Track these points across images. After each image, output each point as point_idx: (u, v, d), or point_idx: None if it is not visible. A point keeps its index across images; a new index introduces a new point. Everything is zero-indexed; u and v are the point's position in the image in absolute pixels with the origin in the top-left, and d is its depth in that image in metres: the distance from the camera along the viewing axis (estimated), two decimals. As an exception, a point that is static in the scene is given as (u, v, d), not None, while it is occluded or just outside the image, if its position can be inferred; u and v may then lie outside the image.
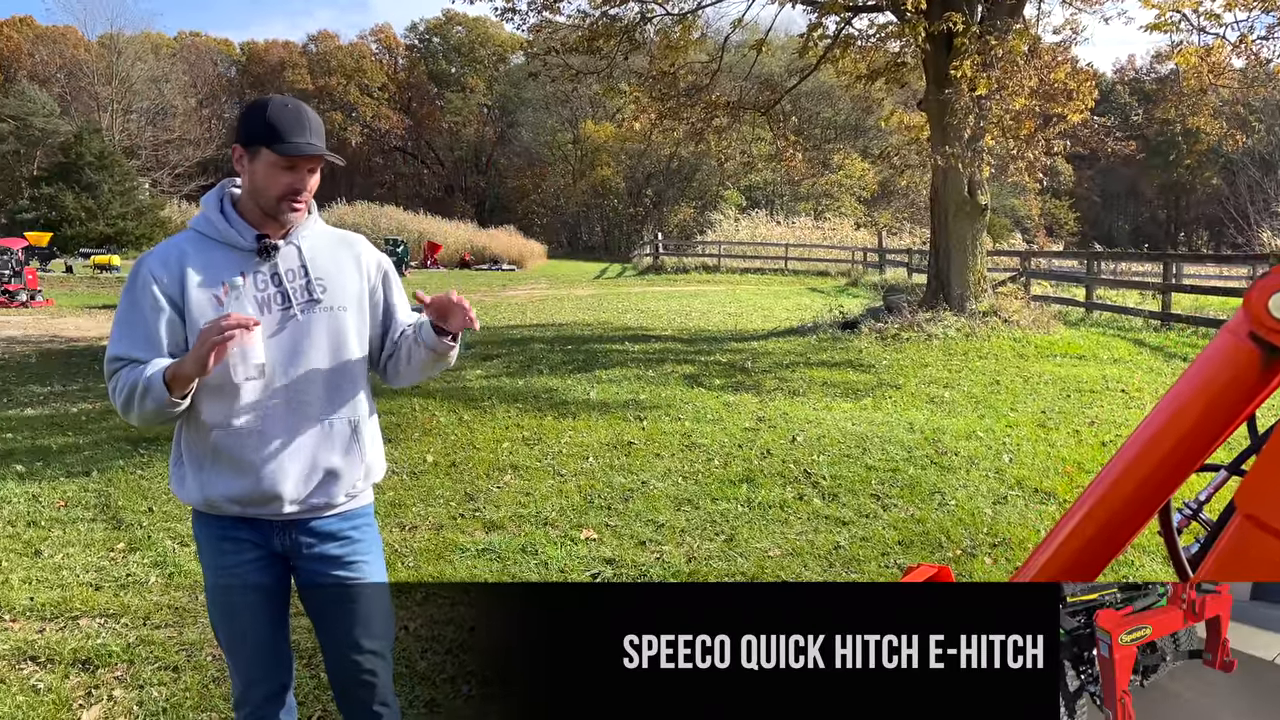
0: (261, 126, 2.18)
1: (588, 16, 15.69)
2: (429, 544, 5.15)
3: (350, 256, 2.37)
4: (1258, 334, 1.20)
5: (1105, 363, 11.54)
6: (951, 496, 5.94)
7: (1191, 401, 1.28)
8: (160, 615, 4.21)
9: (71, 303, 23.83)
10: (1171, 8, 13.46)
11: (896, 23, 14.23)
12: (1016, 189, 48.30)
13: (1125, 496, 1.34)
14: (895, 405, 8.92)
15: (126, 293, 2.23)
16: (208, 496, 2.24)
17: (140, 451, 7.28)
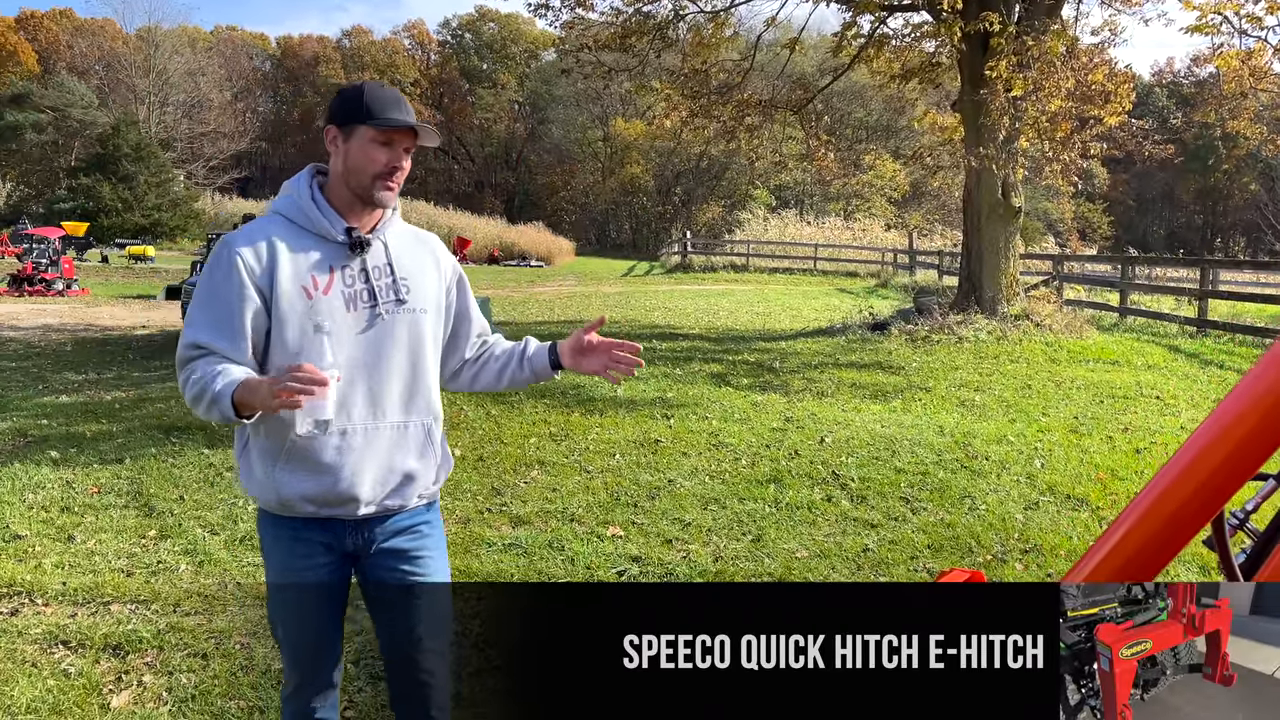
0: (359, 104, 2.14)
1: (620, 13, 15.69)
2: (456, 538, 5.15)
3: (430, 257, 2.33)
4: (1319, 341, 1.16)
5: (1139, 369, 11.39)
6: (982, 501, 5.88)
7: (1248, 410, 1.25)
8: (190, 603, 4.24)
9: (107, 292, 24.15)
10: (1213, 10, 13.25)
11: (932, 22, 14.11)
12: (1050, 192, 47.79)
13: (1180, 502, 1.31)
14: (925, 408, 8.84)
15: (209, 275, 2.13)
16: (282, 496, 2.18)
17: (173, 440, 7.35)
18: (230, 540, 5.09)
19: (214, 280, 2.11)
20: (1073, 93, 13.16)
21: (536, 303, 23.20)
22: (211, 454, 6.93)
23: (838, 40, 15.66)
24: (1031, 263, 24.31)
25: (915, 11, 14.90)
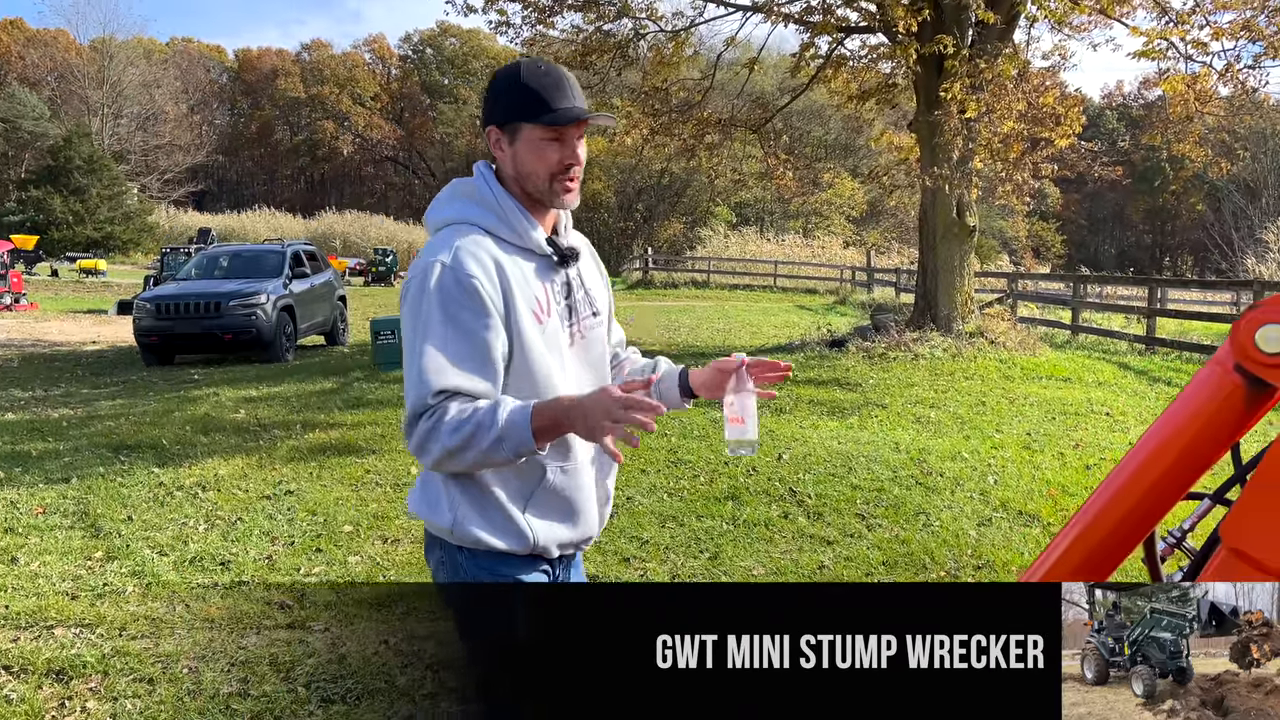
0: (520, 98, 1.85)
1: (581, 31, 15.76)
2: (411, 557, 5.11)
3: (594, 260, 2.12)
4: (1244, 366, 1.20)
5: (1090, 385, 11.59)
6: (936, 517, 5.93)
7: (1178, 431, 1.28)
8: (137, 626, 4.16)
9: (56, 307, 23.67)
10: (1159, 35, 13.58)
11: (888, 44, 14.32)
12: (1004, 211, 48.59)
13: (1113, 523, 1.34)
14: (881, 425, 8.93)
15: (439, 307, 1.77)
16: (538, 543, 1.89)
17: (122, 459, 7.22)
18: (180, 561, 5.00)
19: (449, 310, 1.77)
20: (1024, 115, 13.42)
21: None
22: (161, 473, 6.81)
23: (796, 60, 15.85)
24: (986, 281, 24.69)
25: (872, 33, 15.12)
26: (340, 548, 5.25)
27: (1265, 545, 1.18)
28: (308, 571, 4.87)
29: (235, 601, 4.44)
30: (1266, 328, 1.16)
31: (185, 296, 13.74)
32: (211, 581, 4.72)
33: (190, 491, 6.37)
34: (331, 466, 7.02)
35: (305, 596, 4.50)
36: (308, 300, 15.33)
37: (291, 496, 6.25)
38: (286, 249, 15.62)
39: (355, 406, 9.48)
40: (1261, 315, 1.17)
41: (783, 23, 14.71)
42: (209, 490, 6.40)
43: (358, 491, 6.39)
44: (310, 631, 4.14)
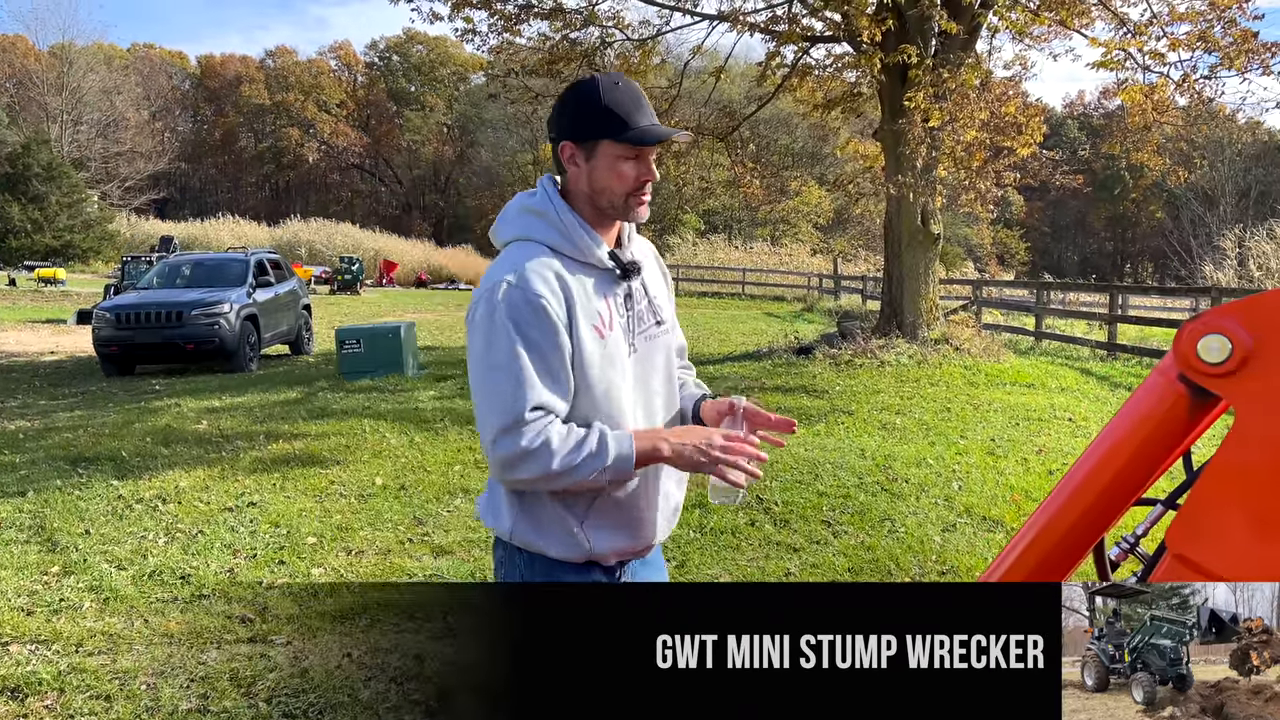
0: (598, 114, 1.87)
1: (548, 39, 15.76)
2: (375, 569, 5.07)
3: (658, 268, 2.13)
4: (1187, 376, 1.22)
5: (1053, 391, 11.74)
6: (901, 524, 5.98)
7: (1125, 440, 1.30)
8: (94, 642, 4.09)
9: (14, 316, 23.27)
10: (1117, 46, 13.82)
11: (853, 54, 14.45)
12: (969, 219, 49.18)
13: (1064, 530, 1.35)
14: (848, 431, 8.98)
15: (515, 324, 1.80)
16: (595, 552, 1.92)
17: (79, 471, 7.10)
18: (138, 576, 4.93)
19: (521, 330, 1.80)
20: (987, 124, 13.60)
21: (464, 327, 22.99)
22: (121, 485, 6.71)
23: (762, 69, 15.95)
24: (952, 288, 24.94)
25: (837, 43, 15.26)
26: (304, 560, 5.20)
27: (1208, 551, 1.19)
28: (270, 584, 4.81)
29: (195, 616, 4.38)
30: (1207, 338, 1.18)
31: (146, 306, 13.56)
32: (171, 596, 4.65)
33: (150, 504, 6.28)
34: (295, 477, 6.95)
35: (267, 610, 4.45)
36: (272, 309, 15.18)
37: (254, 508, 6.18)
38: (250, 257, 15.47)
39: (320, 417, 9.39)
40: (1202, 326, 1.19)
41: (749, 32, 14.81)
42: (169, 502, 6.32)
43: (321, 503, 6.33)
44: (272, 645, 4.09)
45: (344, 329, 12.88)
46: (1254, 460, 1.17)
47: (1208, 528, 1.20)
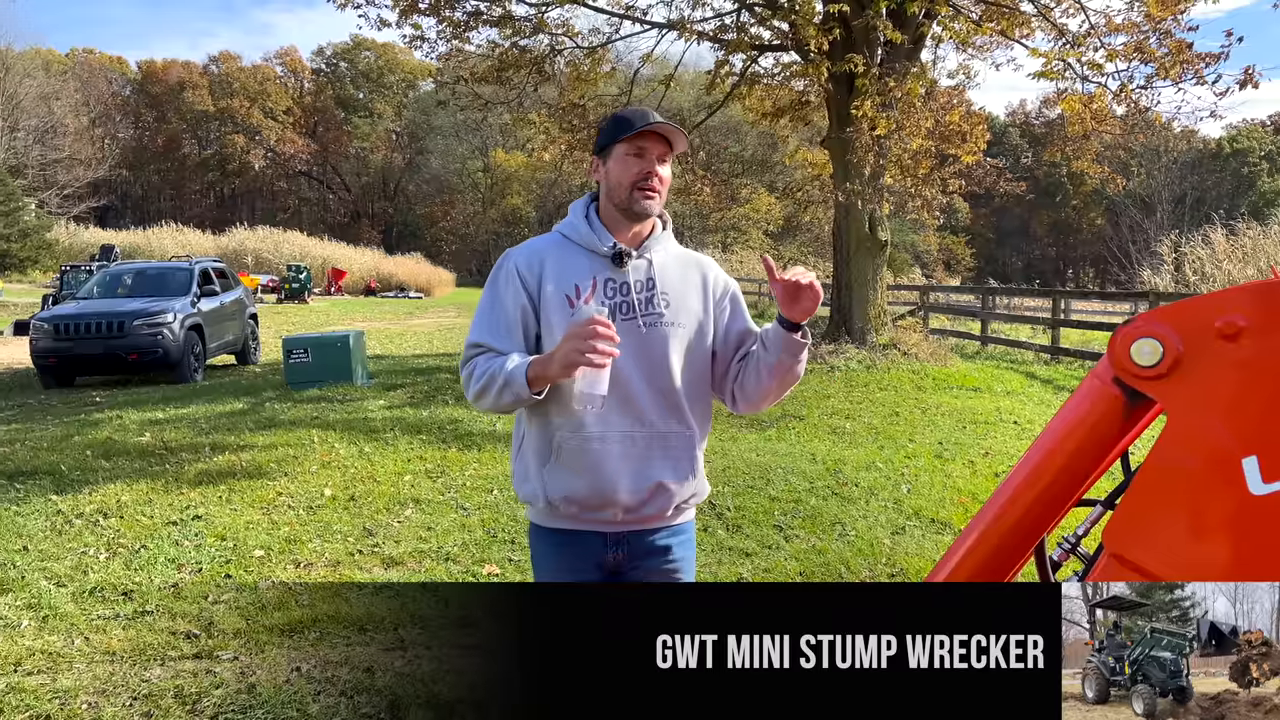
0: (610, 128, 2.27)
1: (497, 46, 15.71)
2: (325, 581, 4.99)
3: (698, 276, 2.38)
4: (1121, 379, 1.25)
5: (999, 395, 11.95)
6: (852, 527, 6.04)
7: (1062, 442, 1.33)
8: (33, 661, 3.97)
9: (-53, 328, 22.58)
10: (1057, 57, 14.13)
11: (800, 62, 14.61)
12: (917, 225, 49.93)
13: (1003, 532, 1.38)
14: (799, 436, 9.05)
15: (490, 285, 2.34)
16: (549, 496, 2.27)
17: (17, 486, 6.91)
18: (79, 592, 4.80)
19: (494, 289, 2.31)
20: (932, 132, 13.83)
21: (414, 335, 22.82)
22: (60, 500, 6.54)
23: (712, 77, 16.05)
24: (900, 294, 25.27)
25: (785, 51, 15.42)
26: (250, 573, 5.11)
27: (1143, 551, 1.23)
28: (216, 599, 4.72)
29: (138, 632, 4.28)
30: (1140, 342, 1.22)
31: (86, 316, 13.23)
32: (113, 612, 4.54)
33: (90, 519, 6.13)
34: (241, 490, 6.82)
35: (213, 625, 4.36)
36: (217, 319, 14.91)
37: (199, 521, 6.05)
38: (194, 266, 15.17)
39: (267, 428, 9.24)
40: (1135, 330, 1.22)
41: (697, 40, 14.90)
42: (111, 517, 6.17)
43: (269, 515, 6.22)
44: (218, 661, 4.01)
45: (291, 338, 12.69)
46: (1185, 461, 1.20)
47: (1142, 527, 1.23)
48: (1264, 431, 1.16)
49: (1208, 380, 1.19)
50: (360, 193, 76.29)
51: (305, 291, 35.96)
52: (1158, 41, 13.69)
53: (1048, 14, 14.43)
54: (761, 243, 49.39)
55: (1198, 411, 1.19)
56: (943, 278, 55.09)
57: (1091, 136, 15.72)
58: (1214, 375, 1.19)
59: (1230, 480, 1.16)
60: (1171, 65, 13.39)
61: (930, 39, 15.04)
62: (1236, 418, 1.18)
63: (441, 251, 63.62)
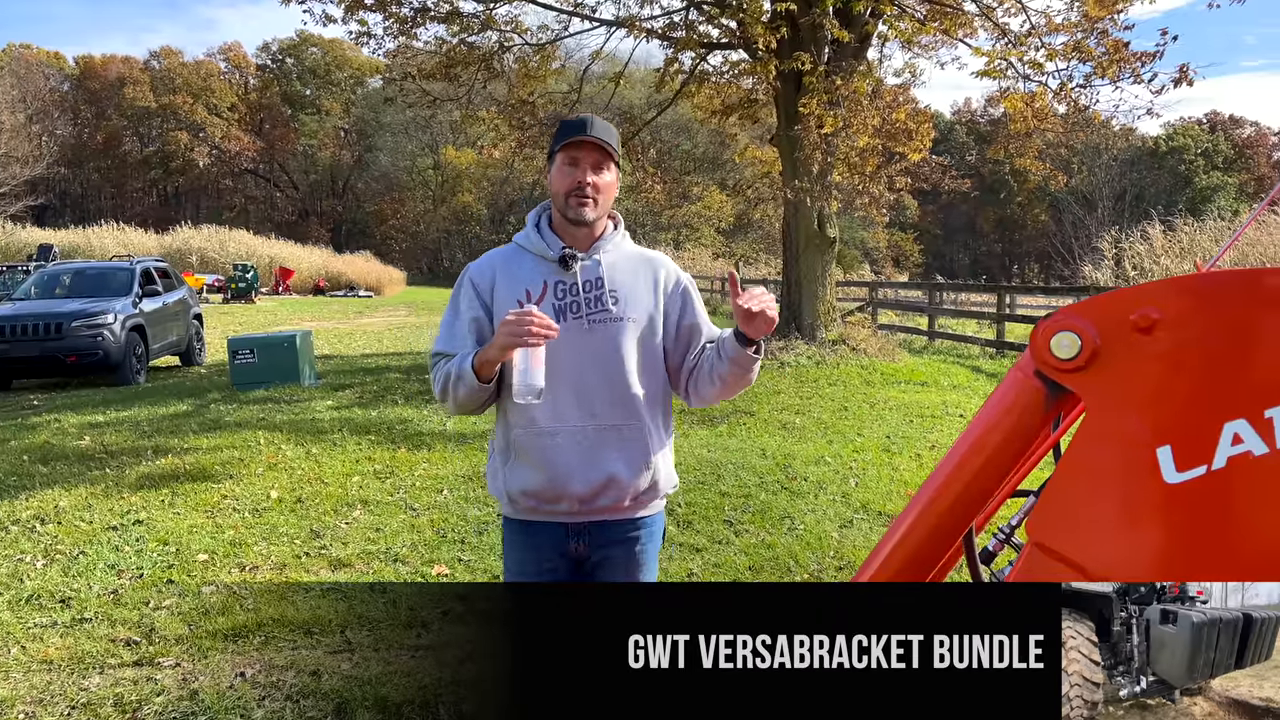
0: (555, 138, 2.39)
1: (445, 43, 15.59)
2: (270, 585, 4.93)
3: (649, 273, 2.48)
4: (1042, 372, 1.28)
5: (945, 389, 12.13)
6: (800, 521, 6.10)
7: (988, 434, 1.36)
8: (-36, 672, 3.87)
9: (-124, 330, 21.83)
10: (999, 56, 14.37)
11: (749, 60, 14.69)
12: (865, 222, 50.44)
13: (931, 525, 1.40)
14: (749, 432, 9.12)
15: (451, 298, 2.48)
16: (509, 490, 2.40)
17: (-51, 493, 6.72)
18: (14, 600, 4.69)
19: (454, 300, 2.47)
20: (879, 130, 13.98)
21: (364, 334, 22.57)
22: (-5, 507, 6.37)
23: (661, 75, 16.08)
24: (849, 290, 25.53)
25: (733, 49, 15.49)
26: (193, 578, 5.02)
27: (1064, 540, 1.26)
28: (157, 605, 4.63)
29: (76, 640, 4.19)
30: (1060, 335, 1.25)
31: (23, 317, 12.90)
32: (50, 620, 4.43)
33: (27, 525, 5.98)
34: (185, 493, 6.71)
35: (154, 631, 4.29)
36: (160, 319, 14.61)
37: (141, 526, 5.94)
38: (135, 265, 14.85)
39: (212, 430, 9.09)
40: (1055, 324, 1.25)
41: (646, 38, 14.91)
42: (48, 523, 6.03)
43: (213, 518, 6.12)
44: (159, 668, 3.94)
45: (237, 338, 12.49)
46: (1102, 451, 1.23)
47: (1063, 517, 1.26)
48: (1177, 422, 1.20)
49: (1123, 372, 1.22)
50: (308, 190, 75.21)
51: (252, 291, 35.37)
52: (1096, 41, 13.98)
53: (990, 14, 14.67)
54: (714, 240, 49.62)
55: (1114, 403, 1.23)
56: (892, 274, 55.78)
57: (1034, 134, 16.00)
58: (1129, 367, 1.22)
59: (1145, 470, 1.20)
60: (1109, 64, 13.68)
61: (876, 38, 15.21)
62: (1151, 408, 1.22)
63: (391, 250, 62.98)
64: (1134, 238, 23.11)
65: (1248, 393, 1.18)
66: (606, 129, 2.38)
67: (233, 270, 36.58)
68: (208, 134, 69.87)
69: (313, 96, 76.11)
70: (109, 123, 71.79)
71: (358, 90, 75.33)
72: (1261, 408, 1.17)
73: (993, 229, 71.87)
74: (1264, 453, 1.16)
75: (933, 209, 67.19)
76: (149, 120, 71.08)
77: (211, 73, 73.60)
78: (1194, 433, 1.19)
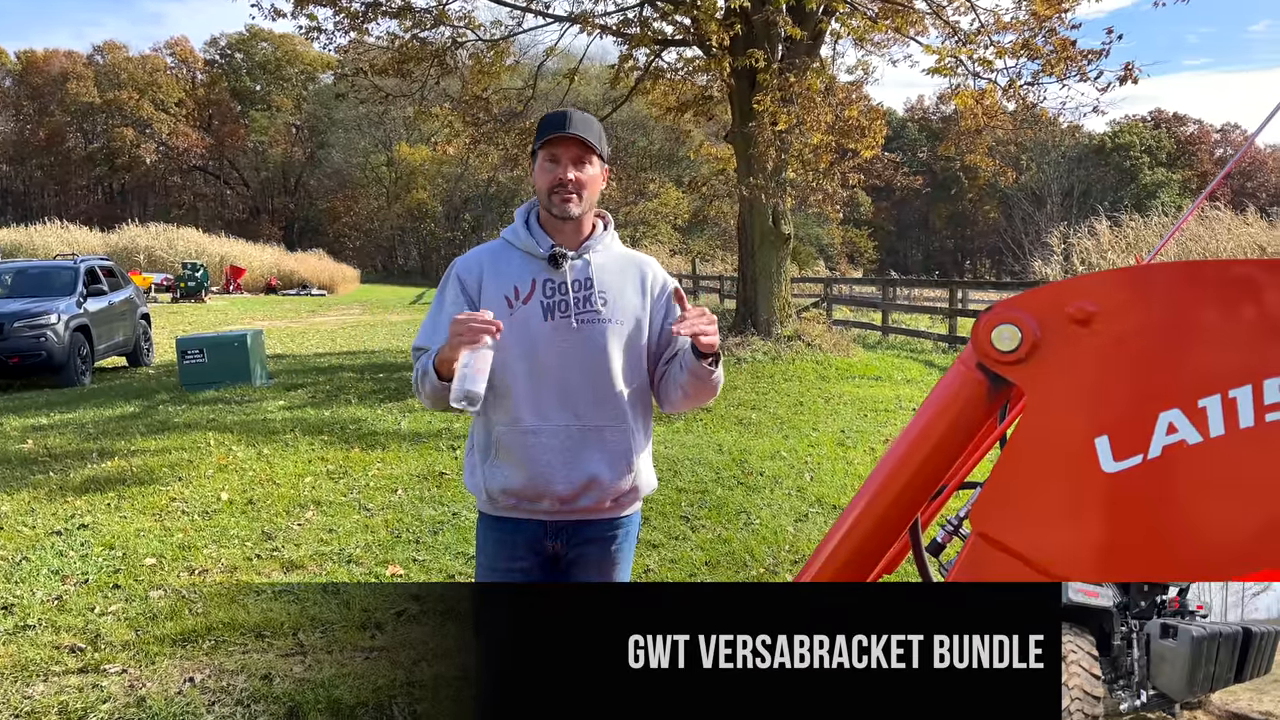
0: (537, 135, 2.39)
1: (397, 38, 15.43)
2: (221, 588, 4.85)
3: (637, 275, 2.47)
4: (984, 364, 1.29)
5: (899, 383, 12.27)
6: (756, 516, 6.13)
7: (931, 427, 1.37)
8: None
9: None
10: (950, 54, 14.55)
11: (703, 57, 14.72)
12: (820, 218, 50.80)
13: (876, 518, 1.41)
14: (705, 427, 9.15)
15: (438, 292, 2.48)
16: (489, 488, 2.40)
17: (-116, 499, 6.52)
18: (-47, 609, 4.56)
19: (440, 294, 2.47)
20: (832, 127, 14.08)
21: (317, 334, 22.29)
22: (-67, 513, 6.19)
23: (616, 72, 16.06)
24: (805, 286, 25.71)
25: (688, 46, 15.51)
26: (141, 582, 4.93)
27: (1005, 529, 1.27)
28: (103, 610, 4.54)
29: (19, 648, 4.08)
30: (1000, 328, 1.26)
31: (-38, 318, 12.56)
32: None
33: (-33, 531, 5.82)
34: (132, 496, 6.57)
35: (100, 637, 4.20)
36: (106, 319, 14.30)
37: (86, 530, 5.81)
38: (80, 264, 14.51)
39: (159, 431, 8.92)
40: (995, 316, 1.27)
41: (600, 34, 14.88)
42: (-11, 529, 5.87)
43: (161, 521, 6.01)
44: (105, 675, 3.86)
45: (186, 338, 12.26)
46: (1042, 441, 1.25)
47: (1005, 507, 1.28)
48: (1114, 412, 1.22)
49: (1062, 363, 1.24)
50: (259, 188, 74.05)
51: (202, 290, 34.76)
52: (1044, 39, 14.20)
53: (940, 12, 14.85)
54: (670, 237, 49.63)
55: (1053, 394, 1.24)
56: (846, 270, 56.25)
57: (984, 131, 16.23)
58: (1068, 359, 1.24)
59: (1084, 459, 1.21)
60: (1056, 62, 13.91)
61: (829, 35, 15.33)
62: (1089, 399, 1.23)
63: (345, 247, 62.23)
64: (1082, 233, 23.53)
65: (1182, 383, 1.20)
66: (586, 122, 2.38)
67: (182, 269, 35.89)
68: (154, 130, 68.49)
69: (263, 92, 74.93)
70: (52, 119, 70.07)
71: (309, 86, 74.28)
72: (1195, 397, 1.19)
73: (945, 225, 72.78)
74: (1197, 441, 1.19)
75: (886, 205, 67.85)
76: (93, 116, 69.50)
77: (158, 67, 72.14)
78: (1130, 423, 1.21)
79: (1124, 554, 1.23)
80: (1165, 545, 1.22)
